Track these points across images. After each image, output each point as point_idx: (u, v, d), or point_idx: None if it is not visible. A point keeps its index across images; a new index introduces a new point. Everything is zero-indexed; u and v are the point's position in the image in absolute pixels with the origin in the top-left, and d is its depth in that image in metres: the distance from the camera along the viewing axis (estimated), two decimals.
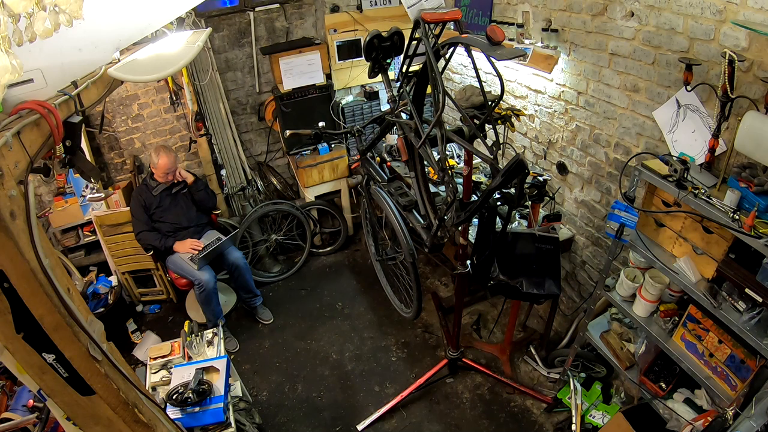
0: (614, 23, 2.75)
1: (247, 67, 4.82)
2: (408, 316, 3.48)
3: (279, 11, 4.65)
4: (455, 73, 4.70)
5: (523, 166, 2.01)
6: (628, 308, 2.69)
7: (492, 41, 1.98)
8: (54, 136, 1.48)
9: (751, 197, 1.98)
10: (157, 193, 3.91)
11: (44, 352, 1.38)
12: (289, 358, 4.03)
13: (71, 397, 1.52)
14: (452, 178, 2.36)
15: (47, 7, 1.18)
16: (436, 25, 2.48)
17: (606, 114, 3.00)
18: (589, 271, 3.56)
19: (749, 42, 2.10)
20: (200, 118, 4.52)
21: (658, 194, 2.48)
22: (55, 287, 1.31)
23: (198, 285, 3.83)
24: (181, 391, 2.69)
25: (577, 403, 3.07)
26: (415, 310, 3.28)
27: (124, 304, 4.49)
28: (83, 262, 4.67)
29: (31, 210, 1.26)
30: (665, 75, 2.55)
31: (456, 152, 4.36)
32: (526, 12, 3.42)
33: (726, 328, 2.19)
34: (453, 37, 2.24)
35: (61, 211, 4.43)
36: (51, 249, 1.41)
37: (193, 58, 2.44)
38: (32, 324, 1.32)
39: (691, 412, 2.51)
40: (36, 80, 1.46)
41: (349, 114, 4.92)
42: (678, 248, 2.44)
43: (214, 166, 4.77)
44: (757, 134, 1.93)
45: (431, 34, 2.43)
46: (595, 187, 3.28)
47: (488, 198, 2.35)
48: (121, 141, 4.72)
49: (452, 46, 2.33)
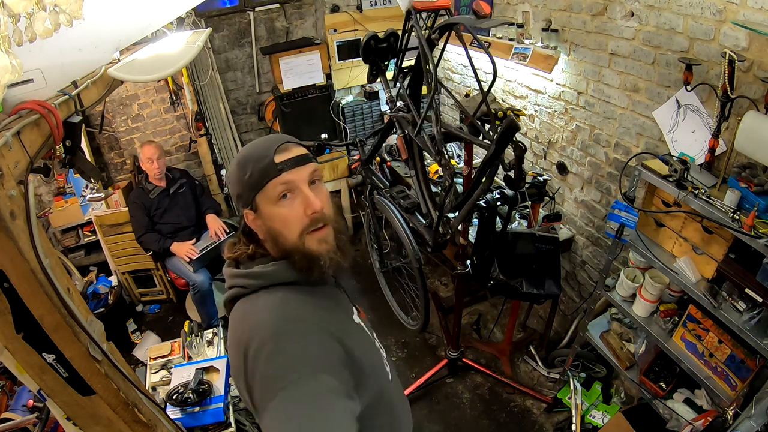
0: (614, 23, 2.75)
1: (247, 67, 4.82)
2: (414, 329, 3.47)
3: (279, 11, 4.65)
4: (455, 73, 4.69)
5: (514, 126, 1.98)
6: (628, 308, 2.69)
7: (478, 15, 2.02)
8: (54, 136, 1.48)
9: (751, 197, 1.98)
10: (155, 195, 3.91)
11: (44, 352, 1.38)
12: None
13: (71, 397, 1.52)
14: (448, 161, 2.36)
15: (47, 7, 1.18)
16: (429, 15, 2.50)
17: (606, 114, 3.00)
18: (589, 271, 3.56)
19: (749, 42, 2.10)
20: (200, 118, 4.52)
21: (658, 194, 2.48)
22: (55, 287, 1.31)
23: (193, 286, 3.84)
24: (181, 391, 2.69)
25: (577, 403, 3.06)
26: (422, 322, 3.23)
27: (124, 304, 4.49)
28: (83, 262, 4.68)
29: (31, 210, 1.26)
30: (665, 75, 2.55)
31: (456, 152, 4.36)
32: (526, 12, 3.42)
33: (726, 328, 2.19)
34: (443, 20, 2.26)
35: (61, 211, 4.44)
36: (51, 249, 1.41)
37: (193, 58, 2.44)
38: (32, 324, 1.32)
39: (691, 412, 2.51)
40: (36, 80, 1.46)
41: (349, 114, 4.92)
42: (678, 248, 2.44)
43: (214, 166, 4.77)
44: (757, 134, 1.93)
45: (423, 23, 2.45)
46: (595, 187, 3.28)
47: (484, 172, 2.33)
48: (121, 141, 4.73)
49: (444, 30, 2.33)
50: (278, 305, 1.16)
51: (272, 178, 1.19)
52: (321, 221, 1.21)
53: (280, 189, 1.19)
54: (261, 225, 1.25)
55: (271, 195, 1.20)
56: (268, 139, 1.28)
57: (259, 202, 1.22)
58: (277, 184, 1.19)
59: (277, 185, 1.19)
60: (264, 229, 1.25)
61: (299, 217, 1.19)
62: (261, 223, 1.24)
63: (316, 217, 1.20)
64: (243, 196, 1.24)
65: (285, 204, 1.20)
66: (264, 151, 1.21)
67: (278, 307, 1.15)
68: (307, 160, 1.23)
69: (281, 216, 1.20)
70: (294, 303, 1.17)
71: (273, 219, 1.21)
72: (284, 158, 1.20)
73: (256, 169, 1.20)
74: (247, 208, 1.25)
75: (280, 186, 1.19)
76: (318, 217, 1.20)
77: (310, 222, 1.20)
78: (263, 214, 1.22)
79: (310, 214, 1.19)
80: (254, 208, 1.23)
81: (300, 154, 1.24)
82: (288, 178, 1.19)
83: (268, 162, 1.19)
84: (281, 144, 1.23)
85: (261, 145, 1.25)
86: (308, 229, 1.20)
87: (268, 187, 1.19)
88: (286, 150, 1.22)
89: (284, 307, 1.16)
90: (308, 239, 1.20)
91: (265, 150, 1.21)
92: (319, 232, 1.22)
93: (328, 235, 1.23)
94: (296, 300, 1.18)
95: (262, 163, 1.20)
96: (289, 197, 1.20)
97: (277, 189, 1.19)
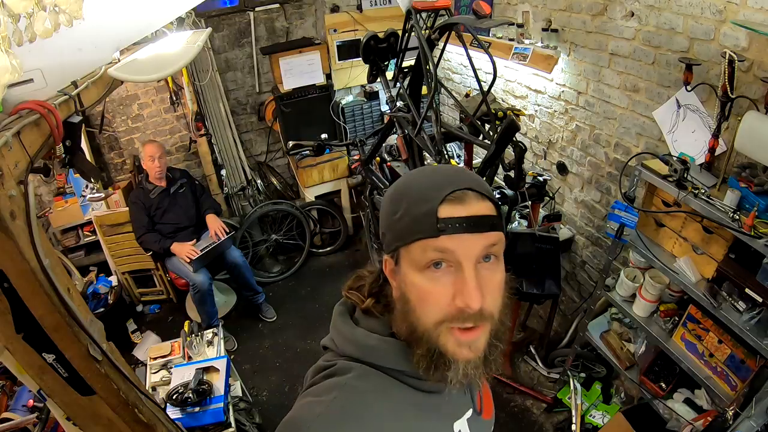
0: (614, 23, 2.75)
1: (247, 67, 4.83)
2: None
3: (279, 11, 4.66)
4: (455, 73, 4.69)
5: (514, 126, 1.98)
6: (628, 308, 2.69)
7: (479, 15, 2.03)
8: (54, 136, 1.48)
9: (751, 197, 1.98)
10: (155, 195, 3.91)
11: (44, 352, 1.38)
12: (290, 358, 4.03)
13: (71, 397, 1.52)
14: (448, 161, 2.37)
15: (47, 7, 1.17)
16: (429, 15, 2.50)
17: (606, 114, 3.00)
18: (589, 271, 3.56)
19: (749, 42, 2.10)
20: (200, 118, 4.52)
21: (658, 194, 2.48)
22: (55, 287, 1.31)
23: (192, 286, 3.84)
24: (181, 391, 2.69)
25: (577, 403, 3.06)
26: None
27: (124, 304, 4.49)
28: (83, 262, 4.67)
29: (31, 210, 1.26)
30: (665, 75, 2.55)
31: (456, 152, 4.36)
32: (526, 12, 3.42)
33: (726, 328, 2.19)
34: (444, 20, 2.27)
35: (61, 211, 4.43)
36: (51, 249, 1.41)
37: (193, 58, 2.45)
38: (32, 324, 1.32)
39: (691, 412, 2.51)
40: (36, 80, 1.46)
41: (349, 114, 4.92)
42: (678, 248, 2.44)
43: (214, 166, 4.77)
44: (757, 134, 1.93)
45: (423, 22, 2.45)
46: (595, 187, 3.28)
47: (484, 172, 2.33)
48: (121, 141, 4.73)
49: (444, 30, 2.34)
50: (342, 404, 0.84)
51: (425, 238, 0.81)
52: (472, 321, 0.81)
53: (431, 256, 0.81)
54: (397, 285, 0.90)
55: (417, 258, 0.82)
56: (442, 172, 0.89)
57: (402, 256, 0.86)
58: (428, 248, 0.81)
59: (427, 250, 0.81)
60: (398, 292, 0.89)
61: (444, 302, 0.81)
62: (397, 284, 0.89)
63: (469, 314, 0.80)
64: (386, 237, 0.90)
65: (432, 276, 0.82)
66: (429, 191, 0.84)
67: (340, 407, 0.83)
68: (487, 225, 0.83)
69: (421, 290, 0.83)
70: (363, 414, 0.84)
71: (410, 288, 0.85)
72: (454, 214, 0.81)
73: (410, 215, 0.83)
74: (388, 254, 0.90)
75: (431, 252, 0.81)
76: (471, 314, 0.80)
77: (457, 314, 0.81)
78: (402, 274, 0.86)
79: (460, 305, 0.80)
80: (396, 260, 0.88)
81: (481, 213, 0.83)
82: (448, 246, 0.80)
83: (427, 211, 0.81)
84: (457, 190, 0.83)
85: (428, 181, 0.87)
86: (451, 322, 0.81)
87: (415, 247, 0.82)
88: (462, 201, 0.82)
89: (350, 410, 0.83)
90: (446, 334, 0.82)
91: (431, 190, 0.83)
92: (466, 333, 0.82)
93: (476, 341, 0.83)
94: (371, 410, 0.85)
95: (419, 209, 0.82)
96: (443, 269, 0.81)
97: (428, 255, 0.81)
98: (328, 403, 0.83)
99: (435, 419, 0.93)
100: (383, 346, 0.89)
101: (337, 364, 0.91)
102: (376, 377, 0.88)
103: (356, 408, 0.83)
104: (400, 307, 0.88)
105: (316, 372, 0.95)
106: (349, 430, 0.81)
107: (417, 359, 0.84)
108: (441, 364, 0.83)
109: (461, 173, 0.89)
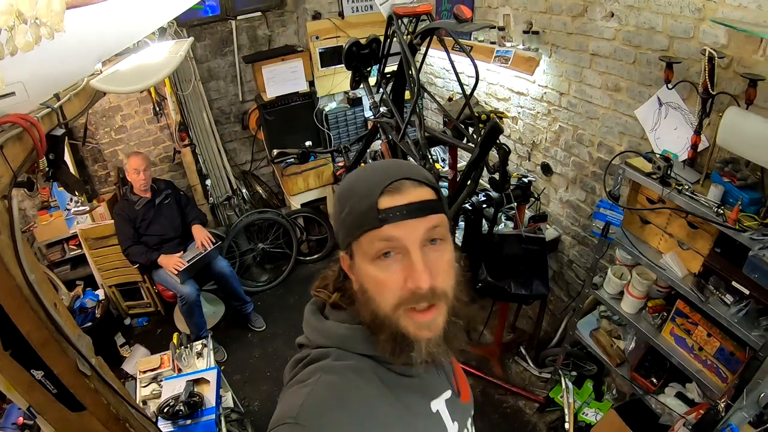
0: (594, 24, 2.78)
1: (229, 75, 4.82)
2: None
3: (261, 19, 4.66)
4: (438, 78, 4.72)
5: (498, 129, 1.99)
6: (616, 305, 2.71)
7: (460, 19, 2.04)
8: (37, 150, 1.46)
9: (735, 191, 2.01)
10: (140, 207, 3.88)
11: (32, 369, 1.37)
12: (280, 367, 3.97)
13: (61, 413, 1.50)
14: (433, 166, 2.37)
15: (28, 20, 1.16)
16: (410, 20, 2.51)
17: (588, 114, 3.03)
18: (577, 270, 3.58)
19: (728, 39, 2.13)
20: (184, 129, 4.50)
21: (643, 192, 2.50)
22: (42, 303, 1.29)
23: (180, 298, 3.80)
24: (172, 404, 2.66)
25: (570, 402, 3.08)
26: None
27: (112, 318, 4.43)
28: (69, 276, 4.61)
29: (16, 225, 1.25)
30: (646, 74, 2.58)
31: (441, 156, 4.38)
32: (507, 15, 3.44)
33: (714, 322, 2.21)
34: (425, 25, 2.28)
35: (45, 225, 4.38)
36: (36, 264, 1.40)
37: (175, 68, 2.44)
38: (20, 340, 1.30)
39: (683, 406, 2.53)
40: (18, 93, 1.44)
41: (333, 121, 4.90)
42: (664, 244, 2.47)
43: (198, 176, 4.75)
44: (739, 129, 1.96)
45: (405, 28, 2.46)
46: (579, 186, 3.31)
47: (469, 175, 2.33)
48: (105, 153, 4.69)
49: (426, 35, 2.35)
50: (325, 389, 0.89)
51: (370, 230, 0.86)
52: (426, 300, 0.85)
53: (378, 246, 0.86)
54: (355, 279, 0.94)
55: (367, 250, 0.87)
56: (380, 167, 0.94)
57: (355, 251, 0.91)
58: (374, 239, 0.86)
59: (374, 240, 0.86)
60: (357, 285, 0.94)
61: (396, 287, 0.86)
62: (355, 277, 0.94)
63: (421, 294, 0.84)
64: (339, 236, 0.95)
65: (382, 265, 0.87)
66: (368, 186, 0.88)
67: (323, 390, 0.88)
68: (427, 209, 0.88)
69: (375, 279, 0.88)
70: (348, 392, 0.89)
71: (365, 279, 0.89)
72: (393, 204, 0.85)
73: (355, 211, 0.88)
74: (343, 251, 0.95)
75: (378, 242, 0.85)
76: (423, 294, 0.85)
77: (410, 297, 0.85)
78: (357, 267, 0.91)
79: (411, 287, 0.85)
80: (350, 255, 0.92)
81: (419, 200, 0.87)
82: (392, 234, 0.85)
83: (369, 204, 0.86)
84: (393, 181, 0.87)
85: (367, 177, 0.91)
86: (407, 304, 0.86)
87: (364, 240, 0.87)
88: (399, 191, 0.87)
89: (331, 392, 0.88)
90: (405, 317, 0.87)
91: (371, 185, 0.88)
92: (422, 314, 0.86)
93: (433, 320, 0.87)
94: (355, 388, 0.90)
95: (362, 204, 0.87)
96: (392, 257, 0.86)
97: (375, 245, 0.86)
98: (314, 383, 0.89)
99: (412, 397, 0.98)
100: (352, 334, 0.95)
101: (312, 353, 0.97)
102: (351, 357, 0.94)
103: (340, 383, 0.89)
104: (360, 297, 0.93)
105: (293, 365, 1.00)
106: (337, 403, 0.87)
107: (382, 344, 0.89)
108: (405, 346, 0.87)
109: (398, 165, 0.95)
